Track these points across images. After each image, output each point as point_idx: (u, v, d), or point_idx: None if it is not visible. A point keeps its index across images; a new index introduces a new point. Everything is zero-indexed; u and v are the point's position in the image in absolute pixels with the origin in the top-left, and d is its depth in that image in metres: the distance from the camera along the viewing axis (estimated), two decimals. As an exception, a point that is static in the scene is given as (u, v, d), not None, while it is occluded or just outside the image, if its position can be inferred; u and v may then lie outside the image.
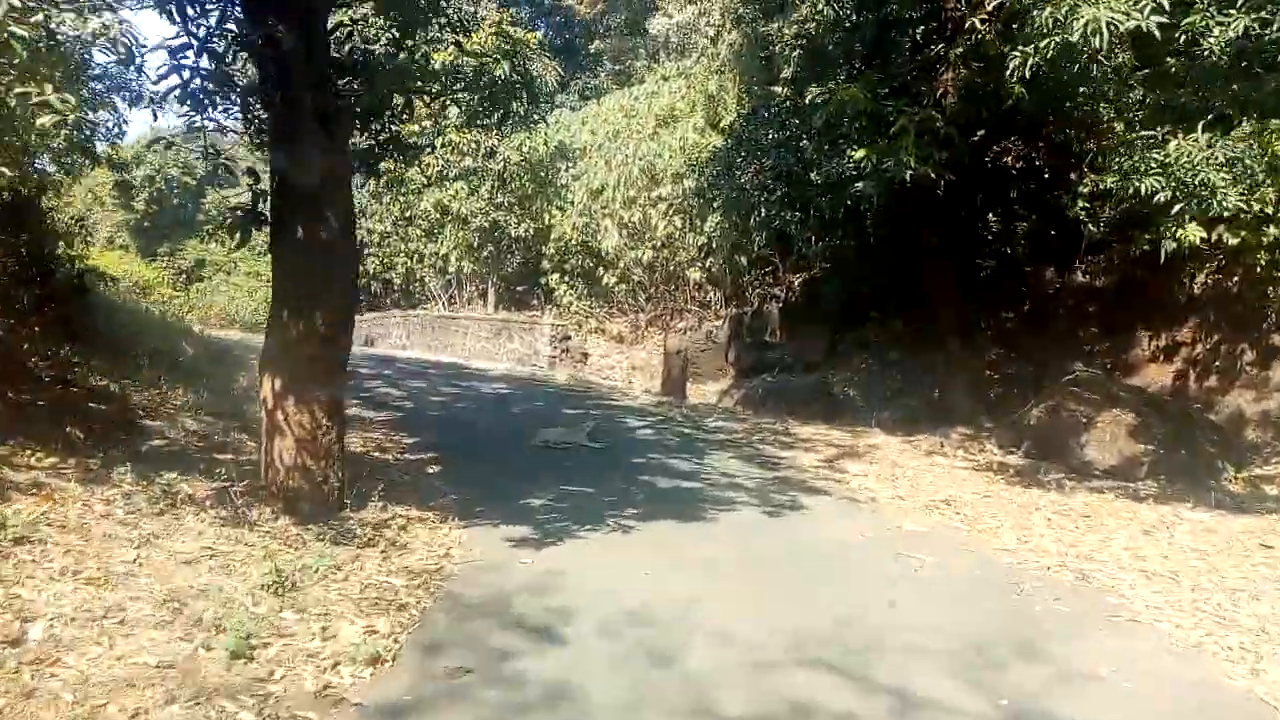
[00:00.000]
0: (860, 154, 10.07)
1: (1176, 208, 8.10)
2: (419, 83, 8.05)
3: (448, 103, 11.47)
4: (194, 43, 6.17)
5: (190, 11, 6.20)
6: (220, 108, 6.75)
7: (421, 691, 3.72)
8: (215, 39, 6.51)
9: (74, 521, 4.75)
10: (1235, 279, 11.67)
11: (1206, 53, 7.83)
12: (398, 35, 7.78)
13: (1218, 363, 12.11)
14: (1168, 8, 7.03)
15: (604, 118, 20.47)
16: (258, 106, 6.93)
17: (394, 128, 8.17)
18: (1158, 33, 7.09)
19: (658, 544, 6.16)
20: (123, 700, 3.27)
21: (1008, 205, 14.47)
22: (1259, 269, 9.59)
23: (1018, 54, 7.89)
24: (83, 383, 7.96)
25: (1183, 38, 7.85)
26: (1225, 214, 8.16)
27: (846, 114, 10.73)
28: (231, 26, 6.55)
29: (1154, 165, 8.03)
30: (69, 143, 9.00)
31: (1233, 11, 7.40)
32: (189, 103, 6.29)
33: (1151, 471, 9.16)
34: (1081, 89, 10.65)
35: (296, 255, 6.23)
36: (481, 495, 7.36)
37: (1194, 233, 8.45)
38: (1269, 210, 8.22)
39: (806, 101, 11.83)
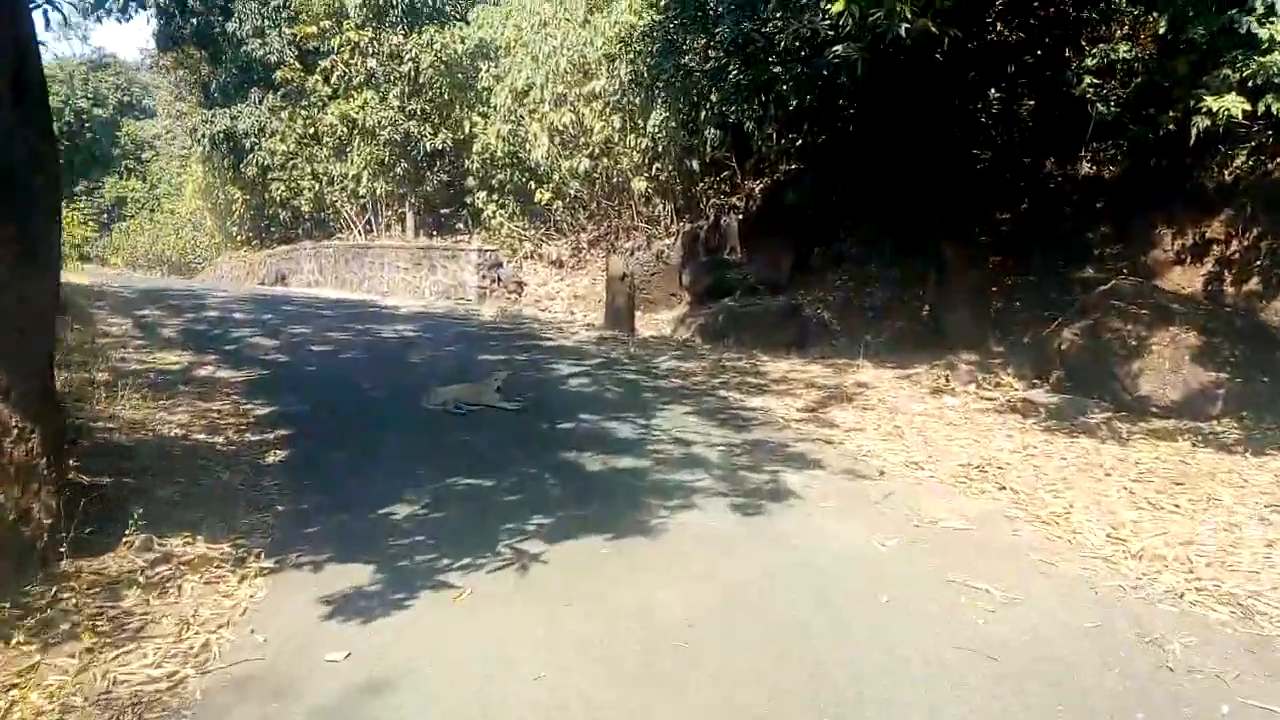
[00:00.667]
0: (839, 5, 7.56)
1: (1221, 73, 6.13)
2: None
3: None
4: None
5: None
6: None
7: None
8: None
9: None
10: None
11: None
12: None
13: (1259, 262, 10.07)
14: None
15: (529, 8, 17.48)
16: None
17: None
18: None
19: (573, 590, 3.89)
20: None
21: (1009, 83, 12.11)
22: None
23: None
24: None
25: None
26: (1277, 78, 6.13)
27: (821, -48, 8.23)
28: None
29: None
30: None
31: None
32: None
33: (1230, 408, 7.09)
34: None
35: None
36: (324, 504, 5.03)
37: (1234, 104, 6.32)
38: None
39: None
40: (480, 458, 5.98)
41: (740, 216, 15.51)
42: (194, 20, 21.58)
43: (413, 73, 18.18)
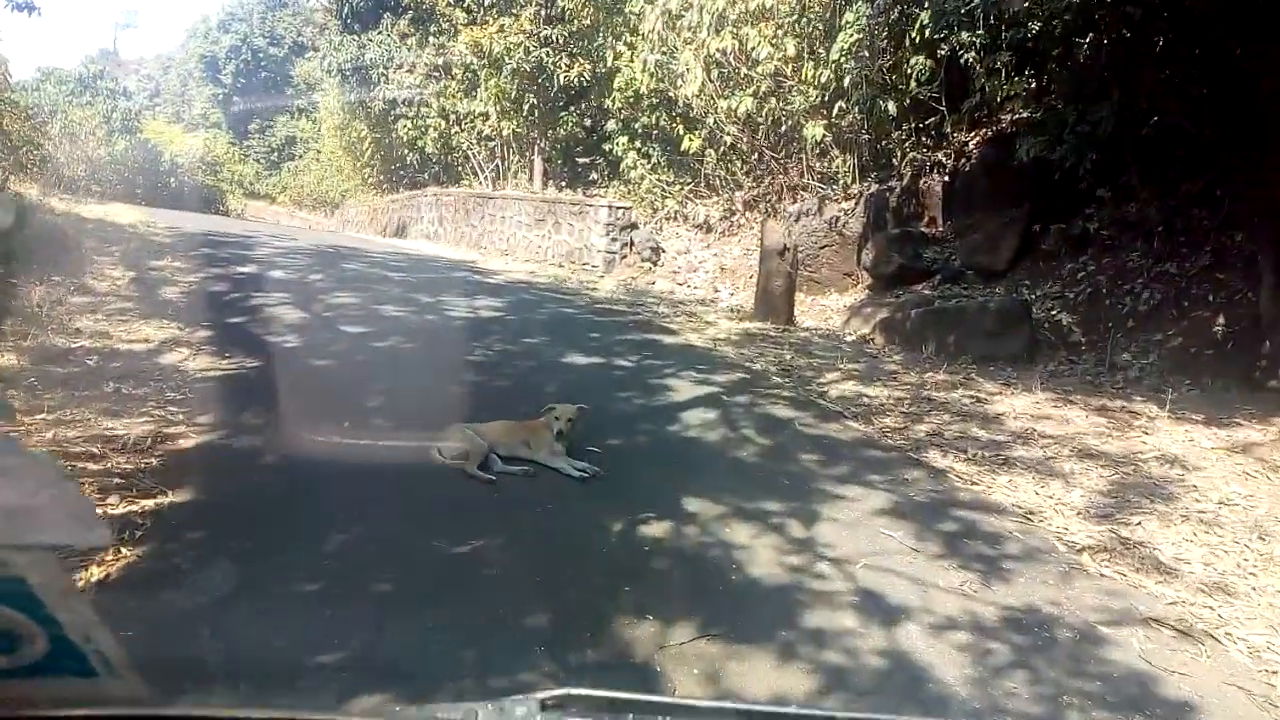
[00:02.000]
0: None
1: None
2: None
3: None
4: None
5: None
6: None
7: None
8: None
9: None
10: None
11: None
12: None
13: None
14: None
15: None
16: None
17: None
18: None
19: None
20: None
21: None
22: None
23: None
24: None
25: None
26: None
27: None
28: None
29: None
30: None
31: None
32: None
33: None
34: None
35: None
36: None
37: None
38: None
39: None
40: (490, 600, 2.99)
41: (946, 178, 11.77)
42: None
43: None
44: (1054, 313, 9.87)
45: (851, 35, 10.36)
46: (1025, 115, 10.99)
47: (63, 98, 32.34)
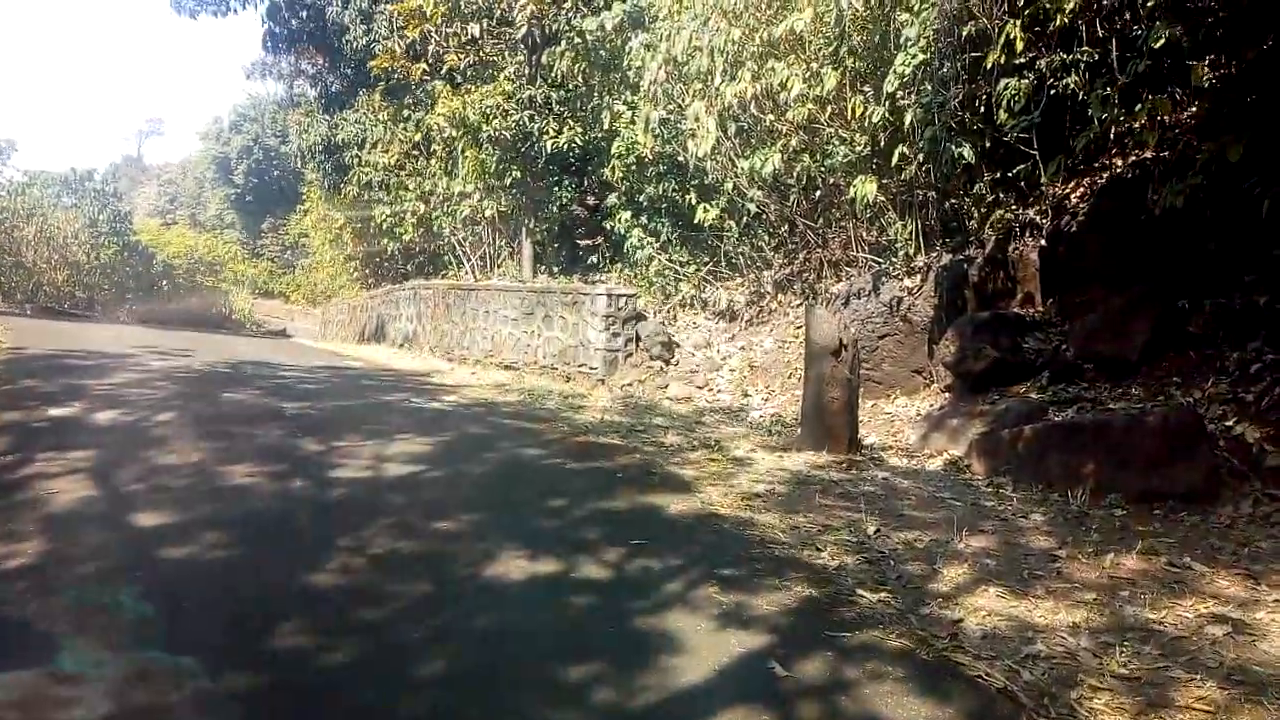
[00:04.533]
0: None
1: None
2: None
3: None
4: None
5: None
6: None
7: None
8: None
9: None
10: None
11: None
12: None
13: None
14: None
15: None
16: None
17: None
18: None
19: None
20: None
21: None
22: None
23: None
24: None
25: None
26: None
27: None
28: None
29: None
30: None
31: None
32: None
33: None
34: None
35: None
36: None
37: None
38: None
39: None
40: None
41: (1044, 242, 8.92)
42: (303, 12, 17.69)
43: (532, 37, 12.83)
44: (1228, 423, 6.85)
45: (914, 56, 7.70)
46: (1154, 155, 8.18)
47: (46, 200, 30.80)
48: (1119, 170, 8.59)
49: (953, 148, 8.38)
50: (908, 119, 8.25)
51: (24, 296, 25.56)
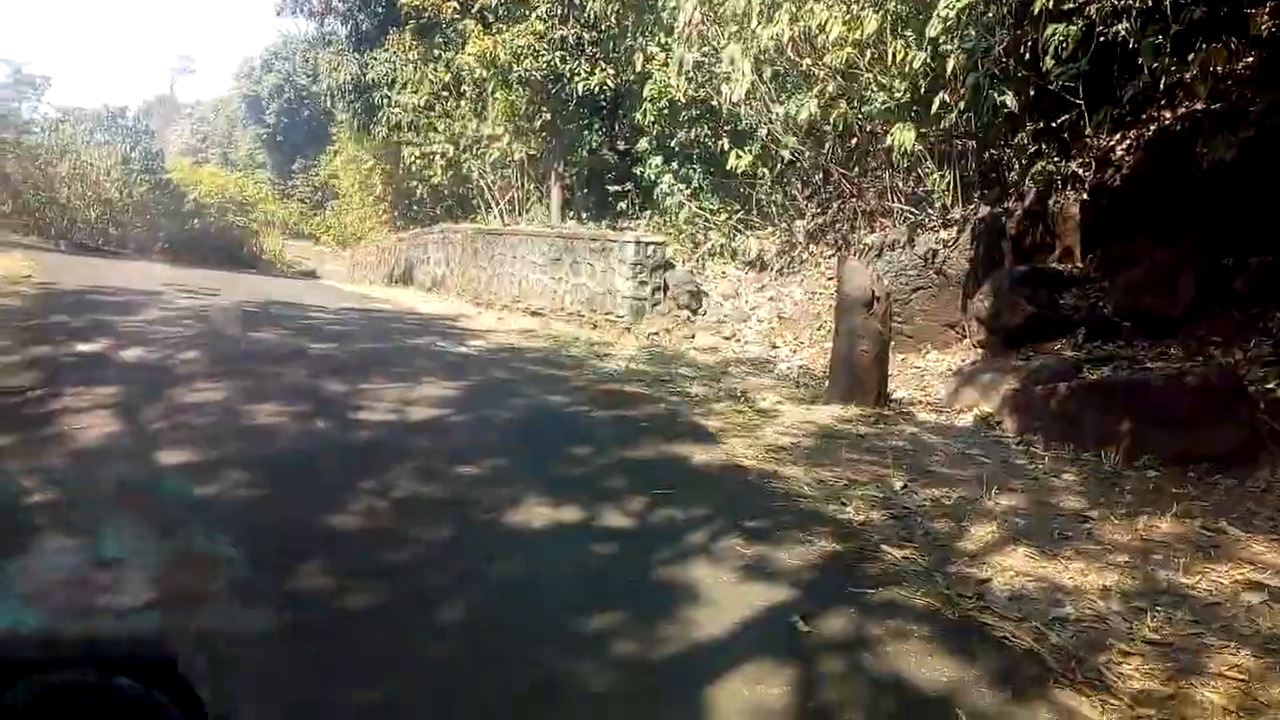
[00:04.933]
0: None
1: None
2: None
3: None
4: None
5: None
6: None
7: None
8: None
9: None
10: None
11: None
12: None
13: None
14: None
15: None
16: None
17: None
18: None
19: None
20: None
21: None
22: None
23: None
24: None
25: None
26: None
27: None
28: None
29: None
30: None
31: None
32: None
33: None
34: None
35: None
36: None
37: None
38: None
39: None
40: None
41: (1086, 195, 8.66)
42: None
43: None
44: (1269, 385, 6.66)
45: (956, 0, 7.40)
46: (1204, 106, 7.86)
47: (80, 137, 30.91)
48: (1167, 122, 8.27)
49: (995, 96, 8.11)
50: (950, 65, 7.97)
51: (58, 233, 25.81)
